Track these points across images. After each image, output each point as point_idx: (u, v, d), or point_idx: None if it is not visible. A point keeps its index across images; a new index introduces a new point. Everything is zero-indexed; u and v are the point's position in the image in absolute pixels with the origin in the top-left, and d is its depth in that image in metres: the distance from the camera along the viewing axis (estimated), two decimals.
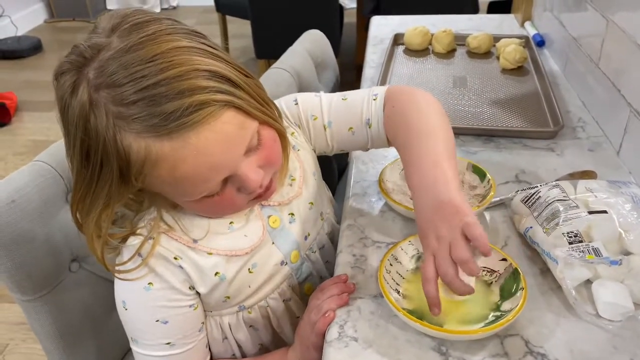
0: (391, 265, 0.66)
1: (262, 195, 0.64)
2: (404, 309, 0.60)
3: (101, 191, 0.56)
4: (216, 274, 0.66)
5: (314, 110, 0.75)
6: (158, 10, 4.24)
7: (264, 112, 0.61)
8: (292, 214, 0.72)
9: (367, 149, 0.78)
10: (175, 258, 0.64)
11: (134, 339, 0.66)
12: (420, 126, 0.67)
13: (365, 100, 0.73)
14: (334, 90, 1.33)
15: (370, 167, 0.91)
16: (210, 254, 0.65)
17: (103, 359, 0.85)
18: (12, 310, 1.64)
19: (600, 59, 0.99)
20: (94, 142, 0.53)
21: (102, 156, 0.53)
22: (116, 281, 0.65)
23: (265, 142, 0.61)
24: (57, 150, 0.76)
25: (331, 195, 0.88)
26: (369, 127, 0.73)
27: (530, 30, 1.43)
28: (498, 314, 0.60)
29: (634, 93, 0.86)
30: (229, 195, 0.61)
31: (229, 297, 0.68)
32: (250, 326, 0.73)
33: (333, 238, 0.82)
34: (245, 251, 0.67)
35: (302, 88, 1.12)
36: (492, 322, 0.59)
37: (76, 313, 0.79)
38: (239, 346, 0.74)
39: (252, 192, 0.61)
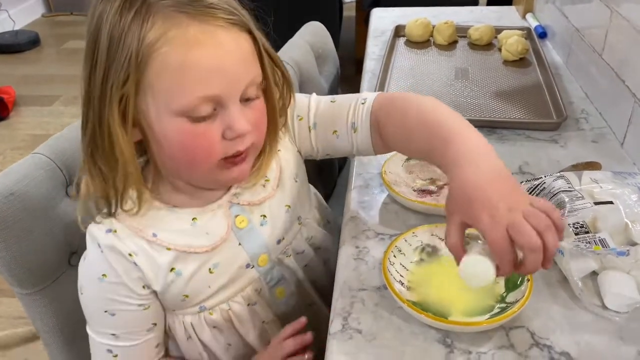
0: (395, 257, 0.66)
1: (235, 164, 0.62)
2: (408, 300, 0.60)
3: (119, 73, 0.55)
4: (172, 269, 0.65)
5: (301, 111, 0.74)
6: None
7: (277, 66, 0.65)
8: (264, 216, 0.70)
9: (353, 155, 0.76)
10: (130, 254, 0.63)
11: (87, 321, 0.68)
12: (435, 112, 0.65)
13: (353, 105, 0.71)
14: (334, 82, 1.32)
15: (373, 159, 0.90)
16: (169, 249, 0.64)
17: None
18: (12, 304, 1.64)
19: (604, 49, 0.98)
20: (120, 26, 0.54)
21: (125, 35, 0.54)
22: (79, 267, 0.67)
23: (259, 105, 0.63)
24: (56, 142, 0.76)
25: (323, 201, 0.86)
26: (354, 132, 0.71)
27: (531, 22, 1.42)
28: (503, 305, 0.60)
29: (639, 84, 0.86)
30: (211, 134, 0.58)
31: (187, 296, 0.67)
32: (214, 327, 0.71)
33: (315, 244, 0.79)
34: (205, 249, 0.65)
35: (302, 80, 1.12)
36: (498, 313, 0.59)
37: (76, 306, 0.78)
38: (205, 345, 0.72)
39: (238, 135, 0.59)
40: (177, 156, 0.60)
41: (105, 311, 0.65)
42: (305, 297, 0.79)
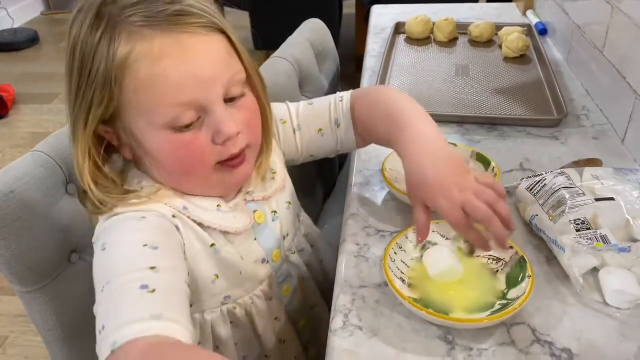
0: (395, 253, 0.65)
1: (235, 166, 0.62)
2: (409, 297, 0.60)
3: (88, 93, 0.56)
4: (212, 245, 0.62)
5: (283, 115, 0.76)
6: None
7: (252, 65, 0.63)
8: (275, 212, 0.71)
9: (336, 152, 0.79)
10: (174, 216, 0.60)
11: (108, 277, 0.52)
12: (396, 103, 0.70)
13: (332, 103, 0.75)
14: (334, 80, 1.32)
15: (373, 156, 0.90)
16: (201, 224, 0.62)
17: None
18: (12, 302, 1.64)
19: (605, 46, 0.98)
20: (89, 45, 0.55)
21: (94, 55, 0.55)
22: (98, 225, 0.60)
23: (247, 103, 0.62)
24: (55, 140, 0.75)
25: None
26: (338, 127, 0.75)
27: (532, 19, 1.41)
28: (504, 302, 0.60)
29: None
30: (200, 141, 0.58)
31: (217, 277, 0.64)
32: (231, 322, 0.70)
33: (311, 242, 0.81)
34: (236, 230, 0.64)
35: (302, 77, 1.11)
36: (499, 310, 0.58)
37: (76, 304, 0.78)
38: (218, 342, 0.70)
39: (227, 138, 0.58)
40: (172, 168, 0.60)
41: (145, 245, 0.54)
42: (308, 297, 0.80)
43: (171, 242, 0.58)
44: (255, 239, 0.68)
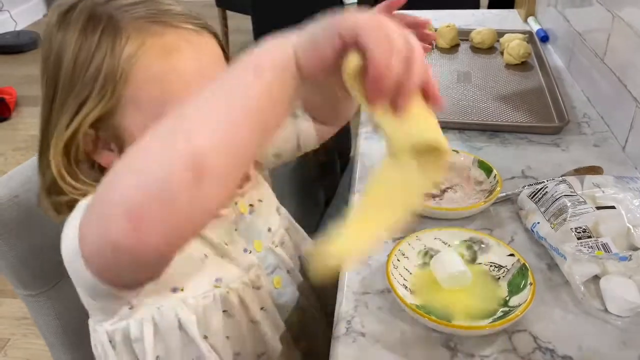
0: (398, 260, 0.66)
1: None
2: (411, 304, 0.60)
3: (82, 93, 0.55)
4: None
5: None
6: None
7: None
8: (252, 205, 0.73)
9: (299, 149, 0.80)
10: None
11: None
12: None
13: None
14: None
15: (376, 162, 0.91)
16: None
17: None
18: (14, 305, 1.64)
19: (606, 53, 0.99)
20: (86, 45, 0.54)
21: (93, 54, 0.54)
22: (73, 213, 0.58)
23: None
24: None
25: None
26: (295, 119, 0.77)
27: (533, 26, 1.42)
28: (506, 309, 0.60)
29: None
30: None
31: (206, 256, 0.65)
32: (225, 310, 0.68)
33: (291, 235, 0.81)
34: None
35: None
36: (501, 317, 0.59)
37: (79, 308, 0.78)
38: (208, 337, 0.68)
39: None
40: None
41: None
42: (301, 290, 0.80)
43: None
44: (236, 229, 0.69)
